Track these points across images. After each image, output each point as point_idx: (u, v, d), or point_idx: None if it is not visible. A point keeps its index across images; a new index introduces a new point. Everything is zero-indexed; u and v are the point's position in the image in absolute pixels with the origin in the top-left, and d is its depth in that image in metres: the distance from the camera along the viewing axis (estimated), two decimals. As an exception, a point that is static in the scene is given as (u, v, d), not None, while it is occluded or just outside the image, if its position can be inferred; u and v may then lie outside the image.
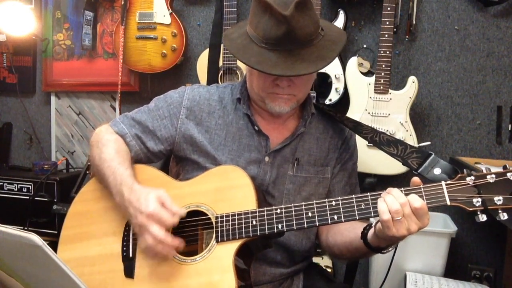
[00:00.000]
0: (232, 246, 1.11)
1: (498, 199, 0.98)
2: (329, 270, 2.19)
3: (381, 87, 2.05)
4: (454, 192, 1.01)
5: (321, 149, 1.32)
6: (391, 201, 0.99)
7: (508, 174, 0.98)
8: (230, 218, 1.13)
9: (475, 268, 2.21)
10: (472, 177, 1.01)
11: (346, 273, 2.17)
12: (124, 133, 1.30)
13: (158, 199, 1.09)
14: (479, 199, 0.99)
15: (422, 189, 1.02)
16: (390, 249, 1.13)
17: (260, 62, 1.11)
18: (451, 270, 2.04)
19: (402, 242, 1.17)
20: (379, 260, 2.04)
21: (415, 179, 1.06)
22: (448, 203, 1.01)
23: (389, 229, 1.00)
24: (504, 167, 0.99)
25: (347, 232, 1.23)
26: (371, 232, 1.10)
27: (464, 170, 1.03)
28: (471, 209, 1.00)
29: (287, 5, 1.08)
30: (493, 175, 0.99)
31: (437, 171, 1.15)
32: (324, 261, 2.23)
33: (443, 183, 1.02)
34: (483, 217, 1.00)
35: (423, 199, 1.01)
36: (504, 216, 0.98)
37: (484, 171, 1.01)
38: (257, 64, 1.11)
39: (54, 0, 2.63)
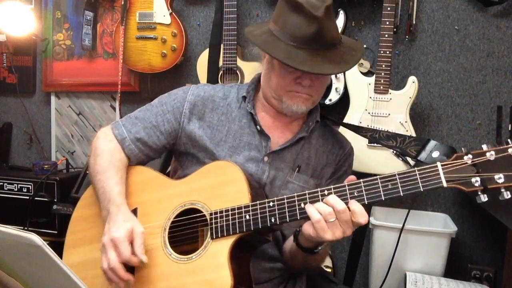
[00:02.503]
0: (227, 242, 1.11)
1: (499, 177, 0.91)
2: (329, 270, 2.19)
3: (381, 87, 2.05)
4: (451, 172, 0.95)
5: (319, 162, 1.33)
6: (322, 207, 1.01)
7: (510, 150, 0.91)
8: (224, 214, 1.12)
9: (475, 268, 2.21)
10: (470, 155, 0.94)
11: (346, 273, 2.17)
12: (123, 137, 1.31)
13: (130, 233, 1.10)
14: (478, 179, 0.93)
15: (417, 172, 0.98)
16: (320, 248, 1.13)
17: (288, 57, 1.13)
18: (451, 270, 2.04)
19: (402, 242, 1.18)
20: (379, 260, 2.04)
21: (351, 177, 1.06)
22: (445, 185, 0.95)
23: (323, 232, 1.01)
24: (506, 143, 0.93)
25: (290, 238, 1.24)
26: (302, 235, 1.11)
27: (462, 148, 0.97)
28: (470, 189, 0.94)
29: (316, 7, 1.12)
30: (493, 152, 0.93)
31: (435, 154, 1.13)
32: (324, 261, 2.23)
33: (438, 164, 0.97)
34: (484, 197, 0.93)
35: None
36: (507, 195, 0.91)
37: (485, 148, 0.94)
38: (286, 59, 1.12)
39: (54, 0, 2.63)
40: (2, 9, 2.37)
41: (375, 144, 1.98)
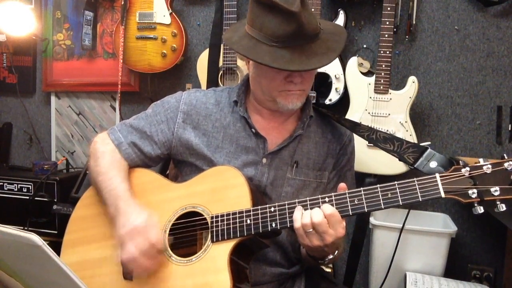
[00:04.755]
0: (227, 246, 1.11)
1: (495, 190, 0.95)
2: (328, 270, 2.19)
3: (381, 87, 2.05)
4: (449, 184, 0.98)
5: (320, 153, 1.32)
6: (305, 215, 1.05)
7: (506, 164, 0.95)
8: (225, 217, 1.13)
9: (475, 268, 2.22)
10: (468, 168, 0.98)
11: (346, 273, 2.18)
12: (120, 141, 1.31)
13: (148, 221, 1.13)
14: (475, 191, 0.97)
15: (416, 183, 1.01)
16: (326, 260, 1.16)
17: (274, 60, 1.11)
18: (451, 270, 2.04)
19: (402, 242, 1.17)
20: (379, 260, 2.04)
21: (341, 185, 1.08)
22: (443, 195, 0.99)
23: (302, 238, 1.06)
24: (502, 157, 0.97)
25: None
26: None
27: (460, 161, 1.01)
28: (466, 201, 0.98)
29: (290, 1, 1.08)
30: (489, 166, 0.96)
31: (433, 164, 1.14)
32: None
33: (437, 175, 1.00)
34: (480, 209, 0.97)
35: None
36: (502, 208, 0.96)
37: (482, 162, 0.98)
38: (273, 62, 1.10)
39: (54, 0, 2.63)
40: (2, 9, 2.37)
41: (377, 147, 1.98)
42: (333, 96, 2.15)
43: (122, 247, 1.12)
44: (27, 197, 2.31)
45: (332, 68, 2.12)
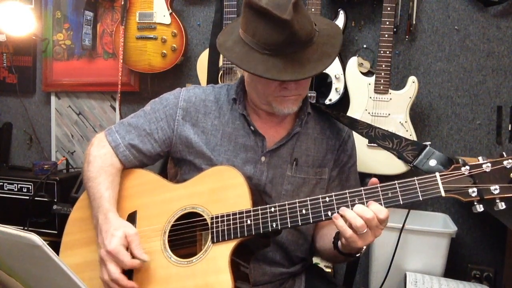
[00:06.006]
0: (228, 247, 1.11)
1: (495, 188, 0.95)
2: (328, 270, 2.19)
3: (381, 87, 2.05)
4: (449, 183, 0.98)
5: (319, 150, 1.32)
6: (353, 218, 1.00)
7: (505, 162, 0.95)
8: (225, 218, 1.12)
9: (475, 268, 2.22)
10: (467, 167, 0.98)
11: (346, 273, 2.17)
12: (117, 143, 1.29)
13: (124, 239, 1.09)
14: (475, 189, 0.96)
15: (416, 182, 1.00)
16: (362, 250, 1.11)
17: (267, 70, 1.08)
18: (451, 270, 2.04)
19: (402, 242, 1.16)
20: (379, 260, 2.04)
21: (373, 180, 1.05)
22: (443, 194, 0.98)
23: (355, 243, 1.02)
24: (501, 155, 0.97)
25: (327, 240, 1.22)
26: (340, 243, 1.11)
27: (460, 159, 1.01)
28: (466, 199, 0.98)
29: (282, 7, 1.05)
30: (489, 164, 0.96)
31: (432, 162, 1.13)
32: (324, 261, 2.22)
33: (437, 174, 1.00)
34: (480, 208, 0.97)
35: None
36: (502, 206, 0.96)
37: (481, 160, 0.98)
38: (266, 72, 1.08)
39: (54, 0, 2.63)
40: (2, 9, 2.37)
41: (375, 144, 1.98)
42: (333, 96, 2.15)
43: (101, 267, 1.11)
44: (27, 197, 2.31)
45: (332, 68, 2.12)
